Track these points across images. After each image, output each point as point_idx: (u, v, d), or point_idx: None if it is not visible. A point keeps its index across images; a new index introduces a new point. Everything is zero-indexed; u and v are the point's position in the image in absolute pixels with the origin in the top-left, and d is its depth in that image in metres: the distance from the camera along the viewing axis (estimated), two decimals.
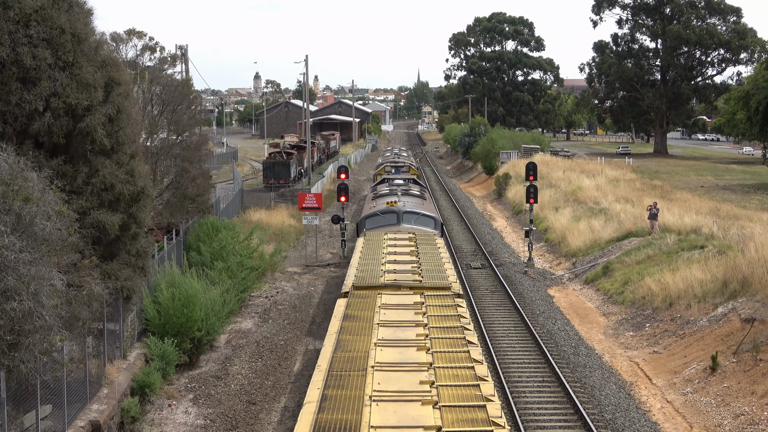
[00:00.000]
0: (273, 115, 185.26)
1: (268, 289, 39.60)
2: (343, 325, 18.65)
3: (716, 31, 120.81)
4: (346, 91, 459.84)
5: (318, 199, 46.72)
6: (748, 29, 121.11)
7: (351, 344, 17.12)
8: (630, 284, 36.23)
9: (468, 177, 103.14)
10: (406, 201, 39.93)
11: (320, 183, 76.26)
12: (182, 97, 37.92)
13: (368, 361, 16.02)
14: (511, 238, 55.72)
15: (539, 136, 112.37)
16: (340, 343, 17.31)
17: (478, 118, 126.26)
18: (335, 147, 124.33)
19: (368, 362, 15.95)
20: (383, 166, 70.01)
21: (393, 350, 16.60)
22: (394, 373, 15.27)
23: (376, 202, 41.07)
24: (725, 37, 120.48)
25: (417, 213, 37.50)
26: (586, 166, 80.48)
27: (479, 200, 78.06)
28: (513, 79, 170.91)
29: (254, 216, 56.73)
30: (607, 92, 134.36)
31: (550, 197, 61.85)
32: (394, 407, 13.61)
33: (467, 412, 13.32)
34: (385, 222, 36.70)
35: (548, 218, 55.40)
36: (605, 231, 46.85)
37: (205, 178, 38.40)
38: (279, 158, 74.17)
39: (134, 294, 24.70)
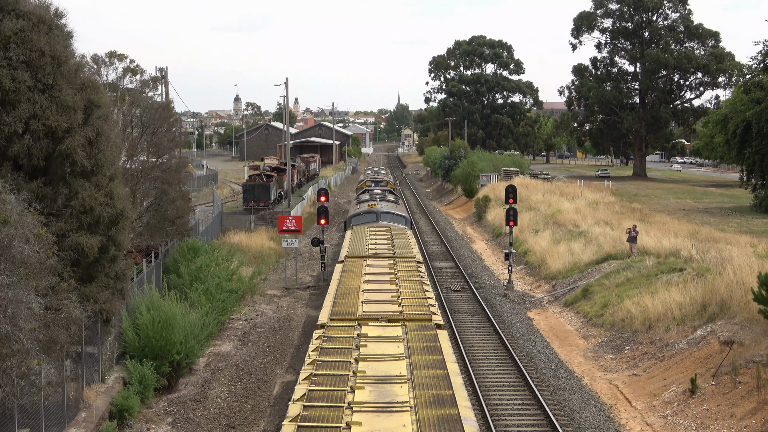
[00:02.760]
0: (253, 138, 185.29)
1: (247, 312, 39.50)
2: (341, 279, 27.75)
3: (694, 55, 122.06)
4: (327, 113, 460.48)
5: (298, 221, 46.72)
6: (725, 53, 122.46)
7: (346, 298, 24.68)
8: (609, 307, 36.38)
9: (448, 200, 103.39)
10: (383, 204, 50.25)
11: (300, 205, 76.27)
12: (162, 120, 37.94)
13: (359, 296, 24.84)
14: (491, 260, 55.83)
15: (519, 158, 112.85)
16: (337, 300, 24.40)
17: (458, 141, 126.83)
18: (315, 169, 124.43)
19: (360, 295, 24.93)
20: (365, 181, 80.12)
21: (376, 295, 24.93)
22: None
23: (360, 206, 50.78)
24: (703, 60, 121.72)
25: (392, 213, 47.25)
26: (566, 188, 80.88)
27: (459, 223, 78.25)
28: (492, 102, 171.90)
29: (234, 238, 56.63)
30: (586, 115, 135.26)
31: (530, 220, 62.08)
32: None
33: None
34: (367, 220, 46.09)
35: (528, 241, 55.57)
36: (585, 254, 47.05)
37: (185, 201, 38.36)
38: (259, 181, 74.13)
39: (113, 317, 24.63)
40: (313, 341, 19.53)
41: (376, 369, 16.84)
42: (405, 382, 16.01)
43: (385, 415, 14.30)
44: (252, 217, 66.36)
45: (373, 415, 14.28)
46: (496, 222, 67.89)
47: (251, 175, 79.22)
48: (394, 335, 19.67)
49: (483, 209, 75.59)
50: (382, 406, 14.67)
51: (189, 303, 33.32)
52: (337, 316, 21.83)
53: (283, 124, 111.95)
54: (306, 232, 65.27)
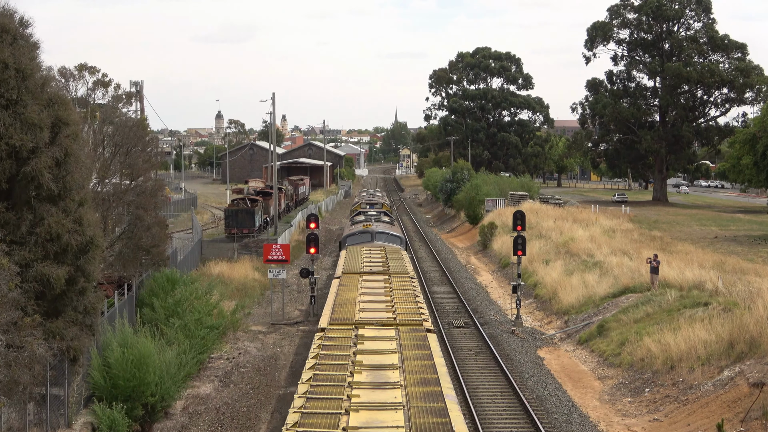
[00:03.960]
0: (236, 158, 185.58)
1: (229, 349, 39.40)
2: (338, 291, 31.59)
3: (719, 68, 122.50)
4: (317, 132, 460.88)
5: (285, 250, 46.68)
6: (753, 66, 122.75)
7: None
8: (627, 345, 36.33)
9: (450, 226, 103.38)
10: (378, 225, 54.20)
11: (288, 233, 76.26)
12: (137, 138, 38.03)
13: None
14: (498, 293, 55.77)
15: (528, 181, 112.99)
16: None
17: (461, 162, 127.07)
18: (304, 193, 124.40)
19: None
20: (359, 203, 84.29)
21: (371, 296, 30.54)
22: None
23: (355, 227, 54.71)
24: (729, 75, 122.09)
25: (386, 233, 50.87)
26: (579, 215, 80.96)
27: (462, 252, 78.22)
28: (499, 120, 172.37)
29: (215, 269, 56.55)
30: (601, 134, 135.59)
31: (540, 249, 62.10)
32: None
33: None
34: (362, 240, 49.50)
35: (538, 272, 55.55)
36: (600, 286, 47.04)
37: (161, 227, 38.36)
38: (242, 205, 74.14)
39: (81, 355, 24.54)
40: (314, 341, 23.62)
41: (371, 360, 21.10)
42: (397, 368, 20.24)
43: (380, 391, 18.55)
44: (235, 245, 66.34)
45: (369, 391, 18.50)
46: (502, 251, 67.88)
47: (234, 199, 79.22)
48: (388, 335, 23.88)
49: (488, 237, 75.60)
50: (377, 385, 18.93)
51: (165, 340, 33.22)
52: (335, 321, 26.00)
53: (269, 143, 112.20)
54: (294, 262, 65.17)
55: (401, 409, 17.21)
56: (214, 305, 40.01)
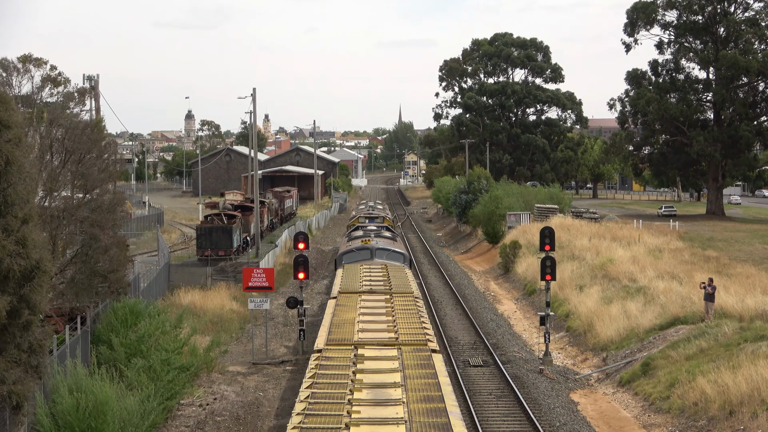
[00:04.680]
0: (210, 166, 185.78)
1: (202, 394, 39.33)
2: (335, 312, 33.95)
3: None
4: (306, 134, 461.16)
5: (269, 275, 46.63)
6: None
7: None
8: (678, 386, 36.24)
9: (465, 246, 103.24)
10: (378, 241, 56.53)
11: (272, 255, 76.24)
12: (91, 143, 38.04)
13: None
14: (522, 326, 55.68)
15: (557, 192, 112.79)
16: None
17: (478, 169, 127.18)
18: (292, 207, 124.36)
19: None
20: (357, 217, 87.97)
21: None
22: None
23: (352, 243, 57.20)
24: None
25: (388, 249, 53.17)
26: (619, 231, 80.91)
27: (480, 277, 78.14)
28: (523, 119, 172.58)
29: (185, 298, 56.48)
30: (644, 136, 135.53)
31: (573, 273, 62.05)
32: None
33: None
34: (360, 257, 51.65)
35: (570, 300, 55.47)
36: (645, 317, 46.96)
37: (121, 249, 38.34)
38: (218, 222, 74.14)
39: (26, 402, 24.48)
40: (310, 362, 25.84)
41: (372, 378, 23.26)
42: (399, 386, 22.41)
43: (381, 407, 20.71)
44: (209, 270, 66.30)
45: (370, 407, 20.71)
46: (528, 275, 67.81)
47: (208, 215, 79.21)
48: (390, 355, 25.96)
49: (511, 259, 75.52)
50: (378, 402, 21.13)
51: (126, 383, 33.15)
52: (333, 341, 28.01)
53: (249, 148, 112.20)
54: (279, 289, 65.11)
55: (403, 424, 19.43)
56: (185, 341, 39.93)
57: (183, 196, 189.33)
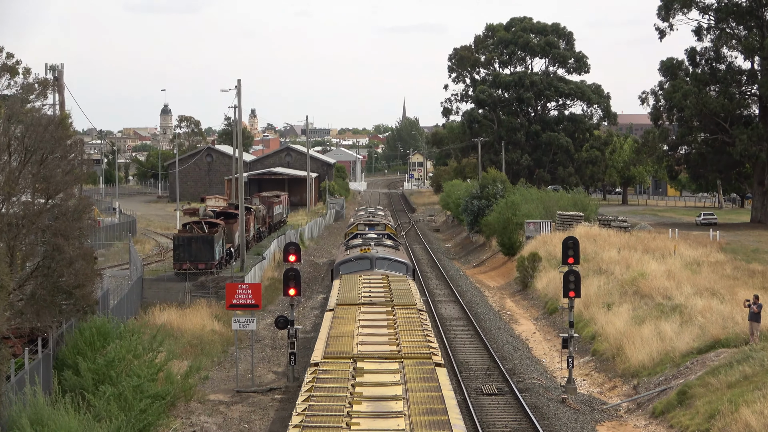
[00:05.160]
0: (189, 168, 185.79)
1: (179, 426, 39.32)
2: (332, 324, 35.51)
3: None
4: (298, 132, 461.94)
5: (255, 292, 46.60)
6: None
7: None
8: (719, 418, 36.19)
9: (477, 259, 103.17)
10: (379, 249, 58.25)
11: (259, 268, 76.17)
12: (55, 142, 38.05)
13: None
14: (542, 349, 55.66)
15: (582, 197, 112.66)
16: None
17: (493, 171, 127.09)
18: (281, 215, 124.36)
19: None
20: (356, 224, 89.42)
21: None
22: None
23: (350, 252, 59.15)
24: None
25: (389, 259, 54.91)
26: (652, 242, 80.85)
27: (494, 293, 78.10)
28: (543, 115, 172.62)
29: (160, 317, 56.46)
30: (681, 134, 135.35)
31: (600, 289, 61.99)
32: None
33: None
34: (359, 267, 53.33)
35: (597, 320, 55.42)
36: (681, 339, 46.90)
37: (88, 261, 38.33)
38: (198, 231, 74.13)
39: None
40: (307, 376, 27.11)
41: (372, 391, 24.73)
42: (400, 399, 23.88)
43: (381, 419, 22.32)
44: (187, 285, 66.26)
45: (370, 420, 22.26)
46: (548, 291, 67.78)
47: (187, 223, 79.23)
48: (391, 369, 27.49)
49: (529, 273, 75.49)
50: (379, 414, 22.71)
51: (93, 414, 33.12)
52: (331, 354, 29.55)
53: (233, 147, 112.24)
54: (267, 307, 65.06)
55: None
56: (160, 366, 39.90)
57: (158, 202, 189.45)
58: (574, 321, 46.68)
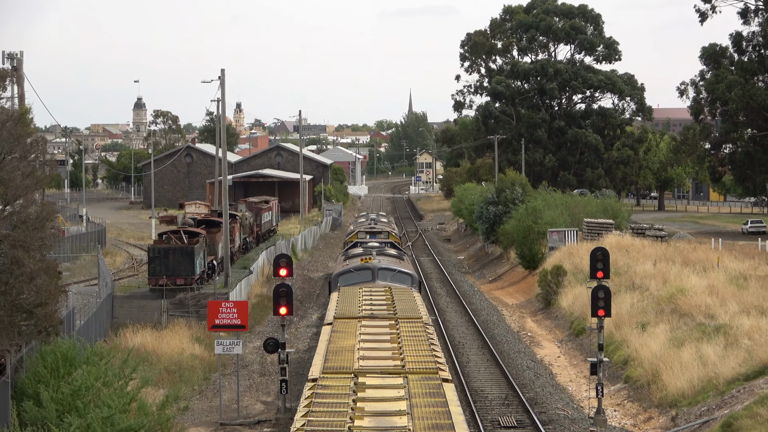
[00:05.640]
0: (166, 169, 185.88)
1: None
2: (331, 339, 37.15)
3: None
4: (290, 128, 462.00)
5: (241, 311, 46.59)
6: None
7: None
8: None
9: (494, 272, 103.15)
10: (381, 259, 60.13)
11: (245, 284, 76.19)
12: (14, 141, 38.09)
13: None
14: (567, 375, 55.63)
15: (613, 203, 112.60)
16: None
17: (511, 173, 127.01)
18: (271, 223, 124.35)
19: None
20: (356, 232, 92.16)
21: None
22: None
23: (350, 262, 61.07)
24: None
25: (393, 270, 56.84)
26: (692, 253, 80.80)
27: (513, 312, 78.09)
28: (568, 109, 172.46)
29: (134, 339, 56.47)
30: (725, 130, 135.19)
31: (633, 307, 61.93)
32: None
33: None
34: (360, 279, 55.41)
35: (630, 342, 55.38)
36: (726, 363, 46.86)
37: (51, 276, 38.33)
38: (176, 242, 74.11)
39: None
40: (305, 392, 28.59)
41: (375, 407, 26.20)
42: (405, 414, 25.31)
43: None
44: (164, 303, 66.29)
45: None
46: (574, 310, 67.74)
47: (164, 232, 79.22)
48: (395, 384, 28.91)
49: (553, 289, 75.45)
50: (381, 429, 24.20)
51: None
52: (330, 369, 31.05)
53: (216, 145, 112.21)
54: (255, 328, 65.05)
55: None
56: (133, 396, 39.90)
57: (131, 208, 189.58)
58: (604, 343, 46.62)
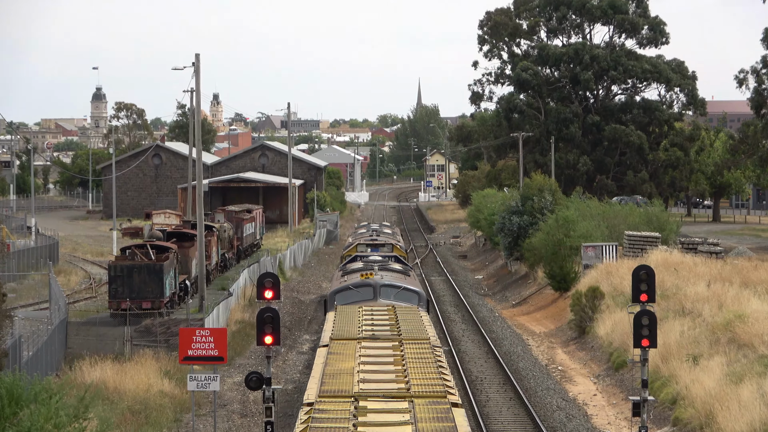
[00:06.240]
0: (131, 172, 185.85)
1: None
2: (327, 361, 38.57)
3: None
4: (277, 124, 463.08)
5: (219, 340, 46.64)
6: None
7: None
8: None
9: (518, 295, 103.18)
10: (384, 275, 62.07)
11: (224, 308, 76.09)
12: None
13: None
14: (605, 416, 55.66)
15: (659, 212, 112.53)
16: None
17: (539, 177, 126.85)
18: (254, 236, 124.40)
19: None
20: (355, 244, 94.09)
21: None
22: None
23: (348, 278, 63.26)
24: None
25: (397, 286, 59.13)
26: (753, 273, 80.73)
27: (541, 341, 78.10)
28: (606, 102, 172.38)
29: (91, 373, 56.44)
30: None
31: (683, 336, 61.90)
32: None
33: None
34: (359, 297, 57.61)
35: (679, 377, 55.38)
36: None
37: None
38: (141, 259, 74.14)
39: None
40: (300, 416, 30.51)
41: (377, 431, 27.78)
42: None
43: None
44: (127, 330, 66.28)
45: None
46: (614, 339, 67.68)
47: (127, 247, 79.31)
48: (399, 408, 30.22)
49: (588, 314, 75.34)
50: None
51: None
52: (327, 393, 32.46)
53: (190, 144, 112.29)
54: (235, 361, 65.10)
55: None
56: None
57: (88, 218, 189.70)
58: (649, 379, 46.65)
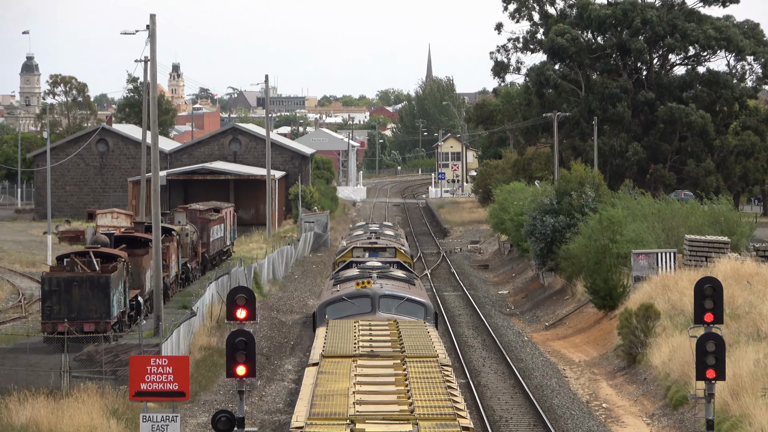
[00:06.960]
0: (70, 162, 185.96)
1: None
2: (318, 382, 39.60)
3: None
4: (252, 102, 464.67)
5: (179, 370, 46.64)
6: None
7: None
8: None
9: (552, 314, 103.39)
10: (384, 284, 63.59)
11: (185, 331, 76.08)
12: None
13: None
14: None
15: (728, 211, 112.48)
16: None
17: (578, 167, 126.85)
18: (223, 240, 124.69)
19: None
20: (350, 248, 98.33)
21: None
22: None
23: (341, 287, 64.99)
24: None
25: (399, 297, 60.89)
26: None
27: (581, 372, 78.15)
28: (662, 74, 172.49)
29: (20, 412, 56.57)
30: None
31: (758, 365, 61.89)
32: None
33: None
34: (355, 310, 59.30)
35: (753, 417, 55.39)
36: None
37: None
38: (83, 270, 74.17)
39: None
40: None
41: None
42: None
43: None
44: (65, 358, 66.36)
45: None
46: (671, 369, 67.66)
47: (65, 255, 79.37)
48: (402, 431, 31.60)
49: (640, 338, 75.34)
50: None
51: None
52: (318, 416, 33.52)
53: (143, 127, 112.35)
54: (200, 396, 65.20)
55: None
56: None
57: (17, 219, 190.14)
58: (716, 419, 46.68)
